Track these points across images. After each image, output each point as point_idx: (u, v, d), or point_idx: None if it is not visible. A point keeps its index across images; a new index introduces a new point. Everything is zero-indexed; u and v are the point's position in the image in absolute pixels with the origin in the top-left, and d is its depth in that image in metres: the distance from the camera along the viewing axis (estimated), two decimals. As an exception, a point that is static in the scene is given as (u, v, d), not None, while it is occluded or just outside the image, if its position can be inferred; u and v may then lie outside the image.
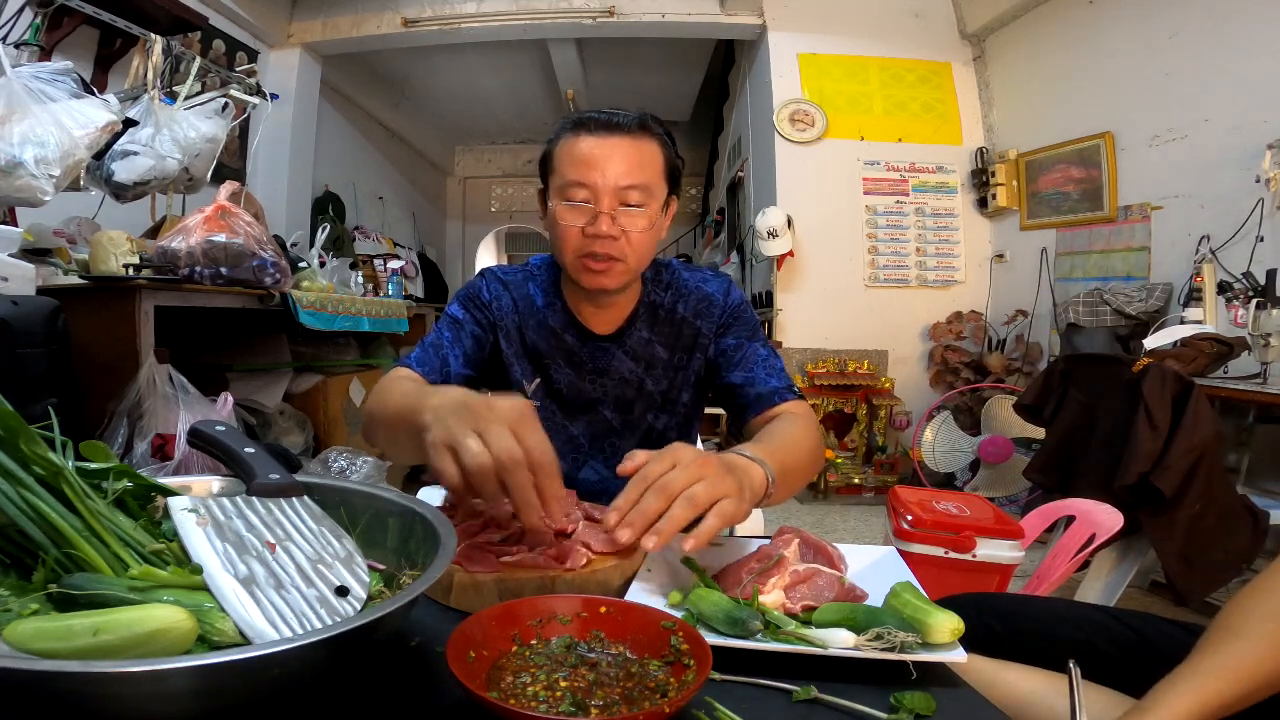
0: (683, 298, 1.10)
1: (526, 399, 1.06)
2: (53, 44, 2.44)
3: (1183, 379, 1.93)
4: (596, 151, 0.93)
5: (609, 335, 1.08)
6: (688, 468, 0.66)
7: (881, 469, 3.91)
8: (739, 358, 1.06)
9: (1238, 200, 2.75)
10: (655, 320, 1.09)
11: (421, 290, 5.42)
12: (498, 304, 1.09)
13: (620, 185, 0.93)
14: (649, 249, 1.00)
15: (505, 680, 0.49)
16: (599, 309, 1.07)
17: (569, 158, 0.95)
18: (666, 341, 1.09)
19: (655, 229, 0.99)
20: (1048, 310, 3.76)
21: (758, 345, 1.07)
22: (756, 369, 1.04)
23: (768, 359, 1.06)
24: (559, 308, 1.08)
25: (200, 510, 0.53)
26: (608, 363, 1.08)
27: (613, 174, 0.93)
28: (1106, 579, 2.07)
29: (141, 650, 0.39)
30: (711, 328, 1.09)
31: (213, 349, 2.57)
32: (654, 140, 0.98)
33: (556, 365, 1.08)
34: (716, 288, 1.11)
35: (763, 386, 1.03)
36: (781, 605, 0.62)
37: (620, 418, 1.10)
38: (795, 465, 0.85)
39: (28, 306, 1.42)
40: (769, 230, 3.93)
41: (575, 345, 1.08)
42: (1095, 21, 3.50)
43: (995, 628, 0.86)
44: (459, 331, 1.06)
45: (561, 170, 0.96)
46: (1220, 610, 0.65)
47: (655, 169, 0.97)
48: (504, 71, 5.78)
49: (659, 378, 1.09)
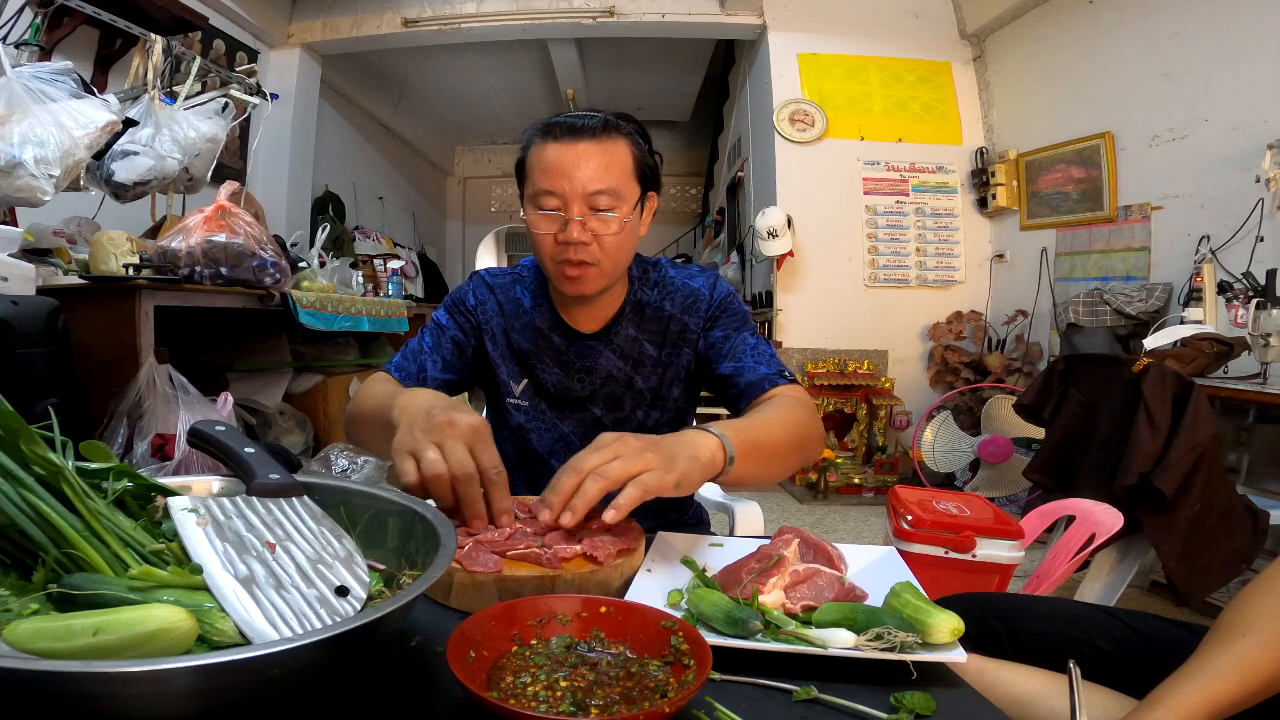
0: (669, 295, 1.11)
1: (515, 398, 1.10)
2: (53, 44, 2.44)
3: (1183, 379, 1.93)
4: (563, 158, 0.94)
5: (595, 334, 1.09)
6: (604, 449, 0.69)
7: (881, 469, 3.91)
8: (728, 349, 1.06)
9: (1238, 200, 2.75)
10: (642, 318, 1.10)
11: (421, 290, 5.42)
12: (482, 308, 1.11)
13: (588, 191, 0.94)
14: (624, 251, 1.00)
15: (505, 680, 0.49)
16: (584, 308, 1.08)
17: (538, 165, 0.96)
18: (654, 339, 1.10)
19: (629, 230, 0.99)
20: (1048, 310, 3.76)
21: (746, 335, 1.08)
22: (745, 358, 1.04)
23: (756, 347, 1.06)
24: (546, 309, 1.10)
25: (200, 510, 0.53)
26: (595, 361, 1.09)
27: (579, 180, 0.94)
28: (1106, 579, 2.07)
29: (141, 650, 0.39)
30: (699, 322, 1.09)
31: (213, 349, 2.57)
32: (622, 140, 0.98)
33: (544, 365, 1.09)
34: (702, 283, 1.11)
35: (752, 374, 1.03)
36: (781, 605, 0.62)
37: (610, 415, 1.11)
38: (769, 441, 0.85)
39: (28, 306, 1.42)
40: (769, 230, 3.93)
41: (562, 345, 1.09)
42: (1095, 21, 3.50)
43: (995, 628, 0.86)
44: (439, 337, 1.09)
45: (532, 178, 0.97)
46: (1225, 608, 0.65)
47: (624, 170, 0.97)
48: (504, 71, 5.78)
49: (648, 374, 1.10)
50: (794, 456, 0.92)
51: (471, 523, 0.71)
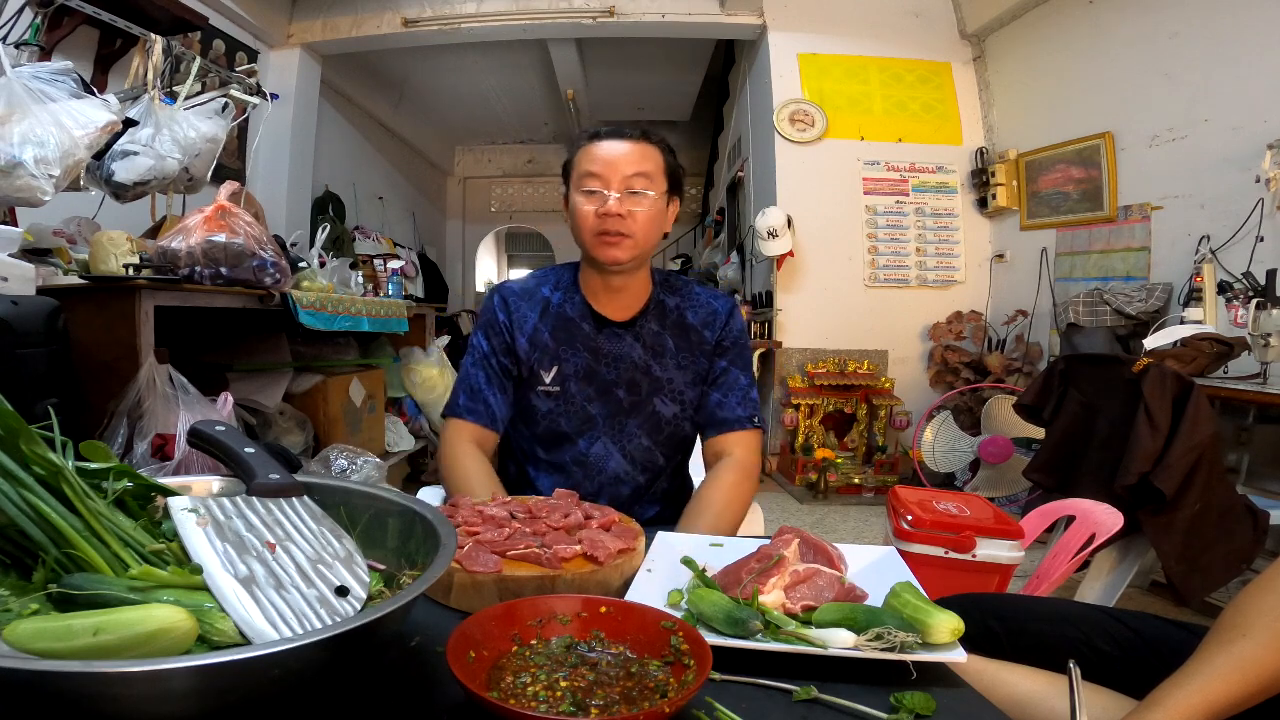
0: (692, 307, 1.23)
1: (546, 385, 1.19)
2: (53, 44, 2.43)
3: (1183, 379, 1.93)
4: (608, 151, 1.12)
5: (624, 323, 1.19)
6: None
7: (881, 469, 3.91)
8: (723, 380, 1.20)
9: (1238, 200, 2.75)
10: (664, 318, 1.22)
11: (421, 290, 5.42)
12: (515, 314, 1.21)
13: (626, 174, 1.10)
14: (654, 232, 1.15)
15: (505, 680, 0.49)
16: (614, 295, 1.19)
17: (585, 158, 1.13)
18: (675, 338, 1.21)
19: (658, 214, 1.14)
20: (1048, 310, 3.76)
21: (739, 373, 1.21)
22: (731, 395, 1.19)
23: (746, 388, 1.20)
24: (578, 300, 1.21)
25: (200, 510, 0.53)
26: (621, 348, 1.19)
27: (619, 165, 1.10)
28: (1106, 579, 2.06)
29: (141, 650, 0.39)
30: (714, 338, 1.21)
31: (213, 349, 2.56)
32: (655, 146, 1.15)
33: (575, 351, 1.20)
34: (723, 306, 1.24)
35: (729, 412, 1.18)
36: (781, 605, 0.62)
37: (630, 399, 1.20)
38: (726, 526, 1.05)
39: (28, 306, 1.42)
40: (769, 230, 3.93)
41: (591, 331, 1.20)
42: (1095, 21, 3.50)
43: (995, 628, 0.86)
44: (489, 366, 1.20)
45: (579, 168, 1.14)
46: (1225, 609, 0.65)
47: (657, 164, 1.14)
48: (504, 71, 5.78)
49: (666, 365, 1.20)
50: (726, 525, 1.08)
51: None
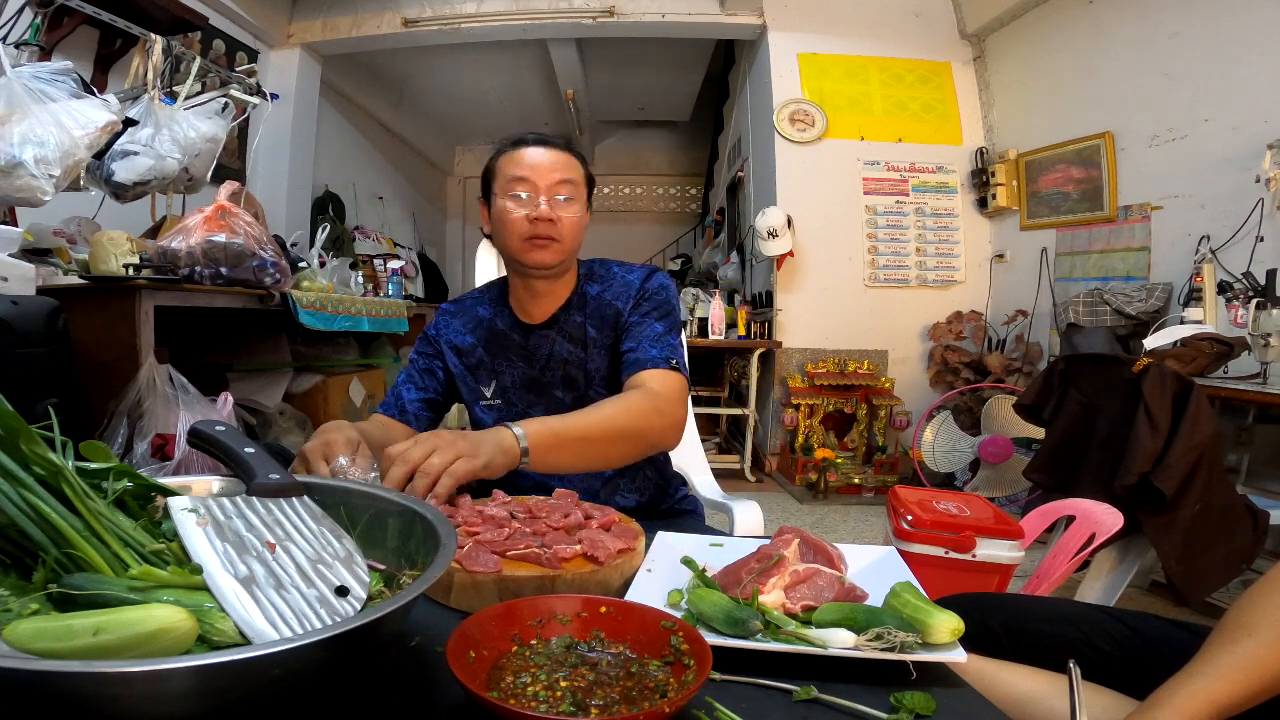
0: (609, 286, 1.23)
1: (488, 400, 1.20)
2: (53, 44, 2.43)
3: (1183, 379, 1.93)
4: (535, 158, 1.14)
5: (544, 323, 1.21)
6: (423, 443, 0.82)
7: (881, 469, 3.91)
8: (635, 331, 1.17)
9: (1238, 200, 2.75)
10: (585, 308, 1.22)
11: (421, 290, 5.42)
12: (444, 332, 1.25)
13: (554, 181, 1.13)
14: (578, 235, 1.18)
15: (505, 680, 0.49)
16: (537, 299, 1.20)
17: (511, 164, 1.14)
18: (595, 323, 1.21)
19: (582, 225, 1.17)
20: (1048, 310, 3.76)
21: (654, 321, 1.17)
22: (644, 340, 1.15)
23: (661, 335, 1.16)
24: (506, 313, 1.24)
25: (200, 510, 0.53)
26: (550, 348, 1.20)
27: (549, 173, 1.13)
28: (1106, 579, 2.06)
29: (141, 650, 0.39)
30: (627, 306, 1.20)
31: (213, 349, 2.56)
32: (576, 158, 1.18)
33: (510, 362, 1.22)
34: (638, 275, 1.23)
35: (640, 354, 1.14)
36: (781, 605, 0.62)
37: (571, 396, 1.21)
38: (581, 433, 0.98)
39: (28, 306, 1.42)
40: (769, 230, 3.93)
41: (520, 339, 1.22)
42: (1095, 21, 3.50)
43: (995, 628, 0.86)
44: (411, 370, 1.26)
45: (504, 174, 1.15)
46: (1229, 609, 0.65)
47: (579, 175, 1.17)
48: (504, 71, 5.78)
49: (595, 355, 1.20)
50: (620, 446, 1.03)
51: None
